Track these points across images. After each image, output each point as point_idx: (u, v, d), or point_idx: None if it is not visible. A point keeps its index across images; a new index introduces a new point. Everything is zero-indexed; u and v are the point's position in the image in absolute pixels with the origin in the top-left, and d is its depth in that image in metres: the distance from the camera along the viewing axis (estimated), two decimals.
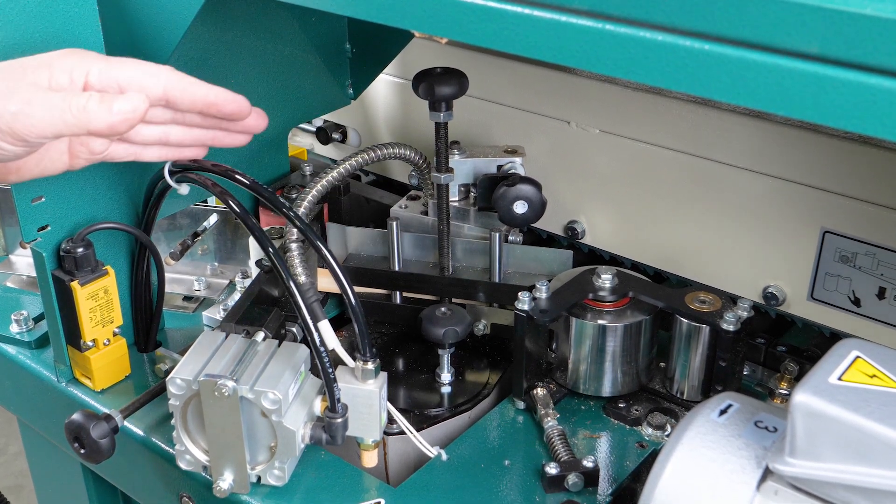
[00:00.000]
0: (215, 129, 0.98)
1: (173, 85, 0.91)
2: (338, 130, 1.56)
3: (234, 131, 0.99)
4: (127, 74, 0.90)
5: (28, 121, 0.83)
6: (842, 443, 0.65)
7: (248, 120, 0.97)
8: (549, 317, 1.06)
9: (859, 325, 1.07)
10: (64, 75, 0.87)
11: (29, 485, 2.60)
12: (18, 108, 0.82)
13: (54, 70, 0.87)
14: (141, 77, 0.90)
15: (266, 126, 0.99)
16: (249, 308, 1.07)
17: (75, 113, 0.83)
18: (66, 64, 0.88)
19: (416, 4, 0.75)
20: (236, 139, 1.00)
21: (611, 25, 0.64)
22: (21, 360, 1.21)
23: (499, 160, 1.23)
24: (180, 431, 0.96)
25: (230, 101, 0.94)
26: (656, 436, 1.05)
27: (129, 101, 0.85)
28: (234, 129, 0.99)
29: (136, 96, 0.85)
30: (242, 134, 1.00)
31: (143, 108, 0.85)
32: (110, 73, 0.89)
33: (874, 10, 0.53)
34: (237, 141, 1.00)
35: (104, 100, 0.84)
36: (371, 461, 1.00)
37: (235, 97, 0.94)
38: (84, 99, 0.84)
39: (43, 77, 0.86)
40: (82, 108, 0.83)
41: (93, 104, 0.84)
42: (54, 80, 0.87)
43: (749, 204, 1.12)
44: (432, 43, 1.37)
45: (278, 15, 1.19)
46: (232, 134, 0.99)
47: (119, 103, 0.84)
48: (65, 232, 1.07)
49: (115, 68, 0.89)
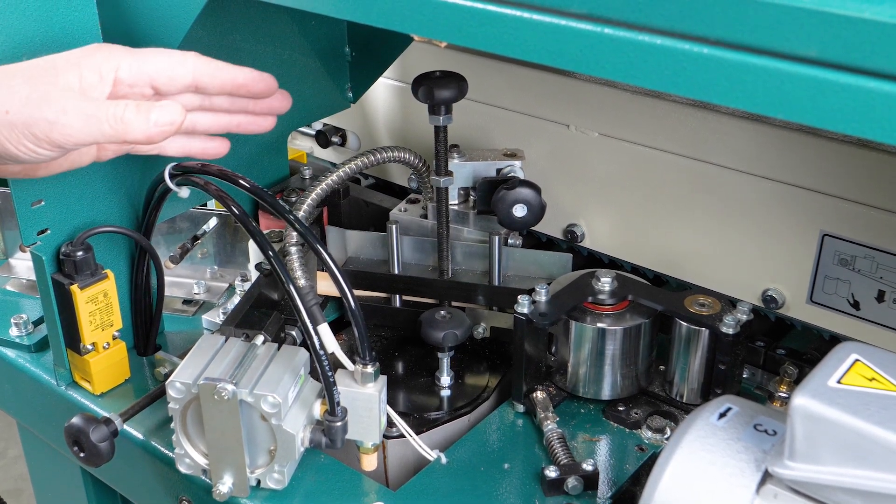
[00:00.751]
0: (241, 113, 0.99)
1: (202, 70, 0.93)
2: (337, 134, 1.56)
3: (259, 114, 1.00)
4: (155, 66, 0.91)
5: (65, 130, 0.84)
6: (841, 446, 0.65)
7: (273, 101, 0.99)
8: (549, 320, 1.06)
9: (858, 328, 1.07)
10: (93, 74, 0.88)
11: (28, 488, 2.59)
12: (55, 116, 0.83)
13: (83, 69, 0.87)
14: (170, 66, 0.91)
15: (289, 107, 1.01)
16: (249, 311, 1.07)
17: (112, 123, 0.84)
18: (94, 62, 0.88)
19: (415, 8, 0.75)
20: (262, 124, 1.01)
21: (610, 29, 0.64)
22: (20, 364, 1.21)
23: (498, 163, 1.23)
24: (180, 435, 0.96)
25: (258, 80, 0.96)
26: (656, 439, 1.05)
27: (168, 113, 0.85)
28: (259, 113, 1.00)
29: (174, 107, 0.86)
30: (267, 117, 1.01)
31: (181, 119, 0.86)
32: (139, 66, 0.90)
33: (872, 14, 0.53)
34: (263, 125, 1.02)
35: (141, 109, 0.85)
36: (370, 465, 1.00)
37: (262, 75, 0.96)
38: (121, 109, 0.85)
39: (73, 78, 0.87)
40: (119, 118, 0.84)
41: (130, 114, 0.85)
42: (84, 80, 0.87)
43: (748, 207, 1.12)
44: (432, 46, 1.37)
45: (278, 19, 1.20)
46: (257, 118, 1.01)
47: (156, 113, 0.85)
48: (64, 235, 1.07)
49: (144, 61, 0.90)
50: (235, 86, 0.95)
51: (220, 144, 1.01)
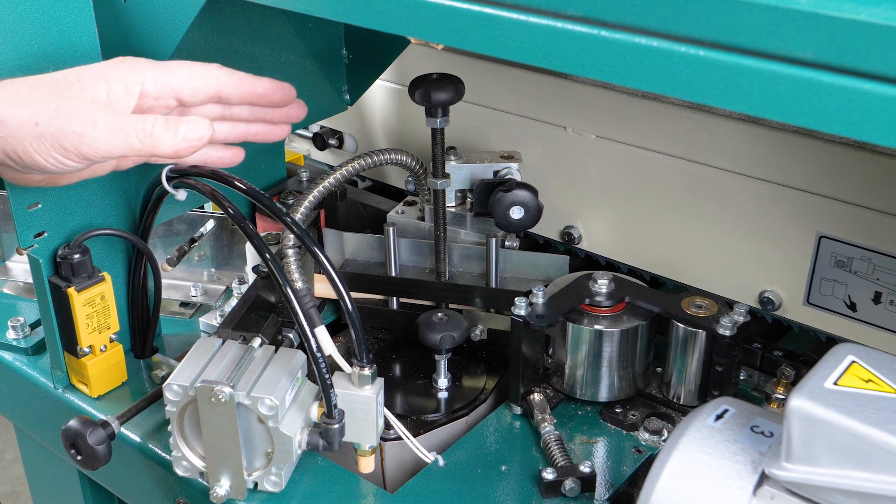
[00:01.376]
0: (259, 122, 1.01)
1: (224, 82, 0.95)
2: (334, 136, 1.56)
3: (275, 123, 1.03)
4: (180, 79, 0.92)
5: (94, 143, 0.85)
6: (838, 447, 0.65)
7: (290, 110, 1.02)
8: (546, 322, 1.06)
9: (855, 329, 1.07)
10: (120, 86, 0.89)
11: (25, 491, 2.60)
12: (84, 129, 0.85)
13: (110, 82, 0.88)
14: (194, 78, 0.93)
15: (304, 116, 1.04)
16: (246, 314, 1.08)
17: (142, 138, 0.86)
18: (121, 75, 0.89)
19: (412, 11, 0.75)
20: (277, 133, 1.04)
21: (606, 31, 0.65)
22: (17, 367, 1.21)
23: (495, 166, 1.23)
24: (177, 437, 0.96)
25: (277, 90, 0.99)
26: (653, 441, 1.05)
27: (196, 128, 0.88)
28: (275, 122, 1.03)
29: (202, 122, 0.88)
30: (283, 126, 1.03)
31: (209, 135, 0.89)
32: (164, 79, 0.91)
33: (868, 16, 0.53)
34: (278, 134, 1.04)
35: (170, 124, 0.87)
36: (368, 467, 1.00)
37: (282, 85, 0.99)
38: (150, 123, 0.86)
39: (101, 91, 0.88)
40: (148, 132, 0.86)
41: (159, 129, 0.86)
42: (112, 93, 0.88)
43: (745, 209, 1.12)
44: (429, 49, 1.37)
45: (275, 21, 1.20)
46: (273, 127, 1.03)
47: (185, 128, 0.87)
48: (61, 238, 1.07)
49: (169, 74, 0.92)
50: (256, 96, 0.97)
51: (236, 153, 1.03)
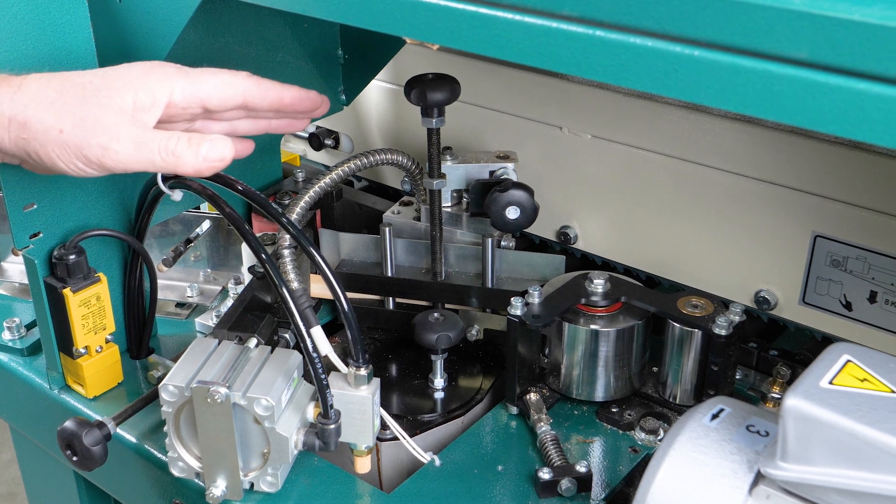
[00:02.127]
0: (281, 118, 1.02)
1: (252, 92, 0.95)
2: (330, 136, 1.56)
3: (298, 119, 1.03)
4: (208, 89, 0.92)
5: (117, 157, 0.86)
6: (833, 447, 0.65)
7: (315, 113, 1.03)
8: (542, 322, 1.06)
9: (851, 328, 1.08)
10: (147, 96, 0.89)
11: (22, 492, 2.59)
12: (108, 142, 0.85)
13: (138, 92, 0.88)
14: (222, 89, 0.93)
15: (327, 110, 1.04)
16: (242, 314, 1.07)
17: (164, 156, 0.86)
18: (149, 84, 0.89)
19: (407, 11, 0.75)
20: (297, 125, 1.04)
21: (601, 31, 0.65)
22: (13, 368, 1.21)
23: (491, 166, 1.23)
24: (173, 438, 0.96)
25: (304, 100, 0.99)
26: (649, 440, 1.06)
27: (218, 149, 0.88)
28: (297, 118, 1.03)
29: (223, 143, 0.88)
30: (304, 120, 1.04)
31: (230, 156, 0.89)
32: (192, 89, 0.91)
33: (862, 16, 0.53)
34: (299, 126, 1.05)
35: (192, 143, 0.87)
36: (364, 467, 1.00)
37: (308, 94, 0.99)
38: (174, 141, 0.86)
39: (128, 100, 0.87)
40: (171, 151, 0.86)
41: (182, 148, 0.87)
42: (138, 102, 0.88)
43: (740, 208, 1.12)
44: (424, 49, 1.37)
45: (271, 21, 1.19)
46: (294, 121, 1.03)
47: (206, 149, 0.87)
48: (57, 239, 1.06)
49: (197, 84, 0.91)
50: (283, 105, 0.98)
51: (247, 145, 1.03)
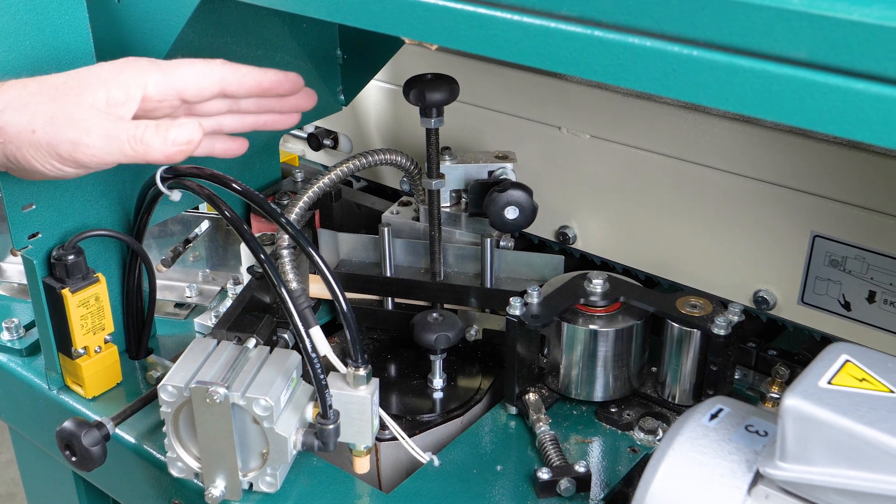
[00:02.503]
0: (268, 112, 1.01)
1: (229, 79, 0.94)
2: (329, 136, 1.56)
3: (284, 112, 1.02)
4: (183, 79, 0.92)
5: (87, 150, 0.86)
6: (832, 446, 0.65)
7: (298, 100, 1.01)
8: (541, 322, 1.06)
9: (849, 328, 1.08)
10: (121, 92, 0.89)
11: (21, 493, 2.59)
12: (79, 137, 0.85)
13: (111, 88, 0.88)
14: (196, 78, 0.93)
15: (314, 104, 1.03)
16: (241, 314, 1.07)
17: (133, 145, 0.86)
18: (122, 80, 0.89)
19: (406, 11, 0.75)
20: (286, 121, 1.03)
21: (600, 31, 0.65)
22: (12, 368, 1.21)
23: (490, 166, 1.23)
24: (172, 438, 0.96)
25: (284, 81, 0.98)
26: (648, 440, 1.06)
27: (184, 132, 0.88)
28: (284, 111, 1.02)
29: (191, 126, 0.88)
30: (293, 114, 1.03)
31: (198, 138, 0.88)
32: (167, 81, 0.91)
33: (861, 16, 0.53)
34: (288, 122, 1.03)
35: (160, 129, 0.87)
36: (363, 467, 1.00)
37: (288, 76, 0.98)
38: (141, 129, 0.87)
39: (101, 97, 0.88)
40: (139, 139, 0.86)
41: (150, 135, 0.87)
42: (112, 98, 0.88)
43: (739, 208, 1.12)
44: (423, 49, 1.37)
45: (269, 22, 1.19)
46: (282, 116, 1.02)
47: (174, 133, 0.87)
48: (56, 239, 1.06)
49: (171, 75, 0.91)
50: (262, 89, 0.97)
51: (241, 144, 1.03)
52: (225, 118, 0.99)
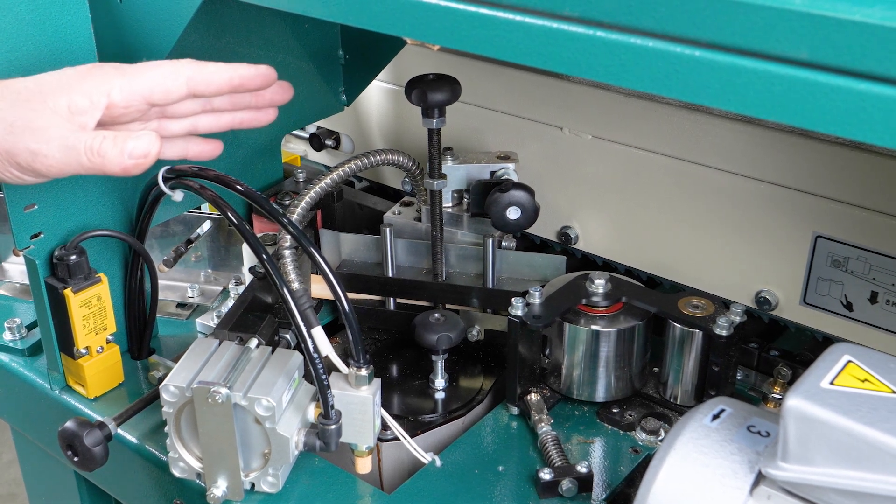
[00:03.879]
0: (243, 109, 0.99)
1: (196, 79, 0.91)
2: (331, 137, 1.56)
3: (260, 108, 1.00)
4: (149, 83, 0.90)
5: (46, 161, 0.85)
6: (834, 447, 0.65)
7: (273, 94, 0.99)
8: (543, 322, 1.06)
9: (851, 329, 1.08)
10: (83, 99, 0.87)
11: (22, 493, 2.59)
12: (37, 147, 0.84)
13: (73, 94, 0.87)
14: (163, 80, 0.90)
15: (291, 97, 1.00)
16: (243, 315, 1.07)
17: (90, 157, 0.85)
18: (85, 88, 0.88)
19: (408, 12, 0.75)
20: (263, 118, 1.01)
21: (602, 32, 0.65)
22: (14, 368, 1.21)
23: (492, 166, 1.23)
24: (174, 439, 0.96)
25: (255, 76, 0.94)
26: (650, 441, 1.06)
27: (142, 145, 0.86)
28: (260, 107, 1.00)
29: (148, 138, 0.86)
30: (268, 110, 1.01)
31: (156, 150, 0.87)
32: (132, 87, 0.89)
33: (863, 17, 0.53)
34: (264, 119, 1.01)
35: (117, 141, 0.85)
36: (365, 467, 1.00)
37: (258, 69, 0.94)
38: (98, 141, 0.85)
39: (62, 103, 0.86)
40: (96, 151, 0.85)
41: (107, 146, 0.85)
42: (74, 105, 0.87)
43: (741, 209, 1.12)
44: (425, 49, 1.37)
45: (271, 22, 1.20)
46: (258, 113, 1.00)
47: (132, 145, 0.86)
48: (58, 239, 1.06)
49: (136, 80, 0.89)
50: (232, 86, 0.94)
51: (216, 146, 1.01)
52: (200, 119, 0.98)
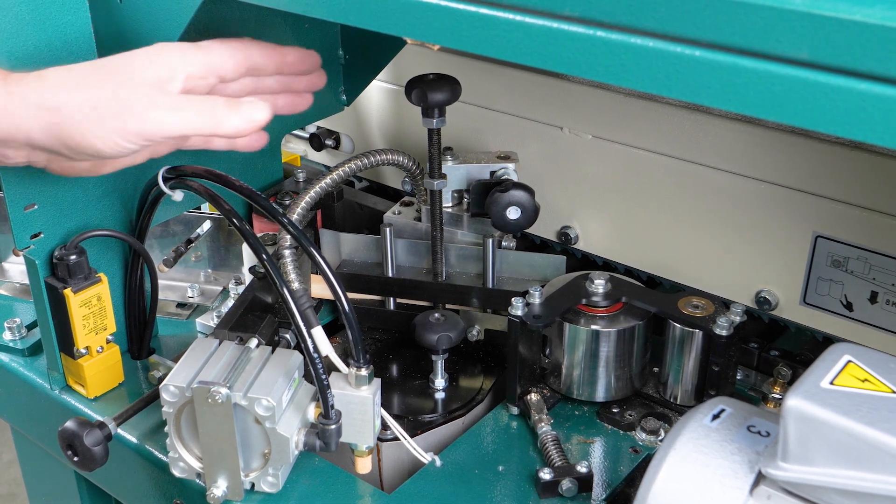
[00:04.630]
0: (285, 93, 1.03)
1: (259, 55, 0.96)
2: (331, 137, 1.56)
3: (300, 94, 1.04)
4: (220, 58, 0.93)
5: (157, 122, 0.86)
6: (834, 447, 0.65)
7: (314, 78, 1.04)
8: (543, 322, 1.06)
9: (851, 329, 1.08)
10: (166, 70, 0.89)
11: (22, 493, 2.59)
12: (145, 110, 0.86)
13: (157, 66, 0.89)
14: (232, 54, 0.94)
15: (325, 84, 1.05)
16: (243, 315, 1.07)
17: (205, 118, 0.88)
18: (166, 59, 0.90)
19: (408, 12, 0.75)
20: (300, 104, 1.05)
21: (602, 32, 0.65)
22: (14, 368, 1.21)
23: (492, 166, 1.23)
24: (174, 439, 0.96)
25: (306, 58, 1.02)
26: (650, 441, 1.06)
27: (258, 110, 0.90)
28: (300, 91, 1.04)
29: (262, 104, 0.90)
30: (305, 96, 1.05)
31: (267, 117, 0.90)
32: (207, 59, 0.92)
33: (864, 17, 0.53)
34: (301, 105, 1.05)
35: (231, 106, 0.89)
36: (365, 467, 1.00)
37: (308, 53, 1.02)
38: (210, 104, 0.88)
39: (150, 74, 0.88)
40: (210, 112, 0.88)
41: (221, 110, 0.88)
42: (160, 76, 0.88)
43: (741, 209, 1.12)
44: (425, 49, 1.37)
45: (271, 22, 1.19)
46: (296, 98, 1.04)
47: (247, 110, 0.89)
48: (58, 239, 1.06)
49: (210, 53, 0.92)
50: (286, 65, 0.99)
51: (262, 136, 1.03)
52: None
